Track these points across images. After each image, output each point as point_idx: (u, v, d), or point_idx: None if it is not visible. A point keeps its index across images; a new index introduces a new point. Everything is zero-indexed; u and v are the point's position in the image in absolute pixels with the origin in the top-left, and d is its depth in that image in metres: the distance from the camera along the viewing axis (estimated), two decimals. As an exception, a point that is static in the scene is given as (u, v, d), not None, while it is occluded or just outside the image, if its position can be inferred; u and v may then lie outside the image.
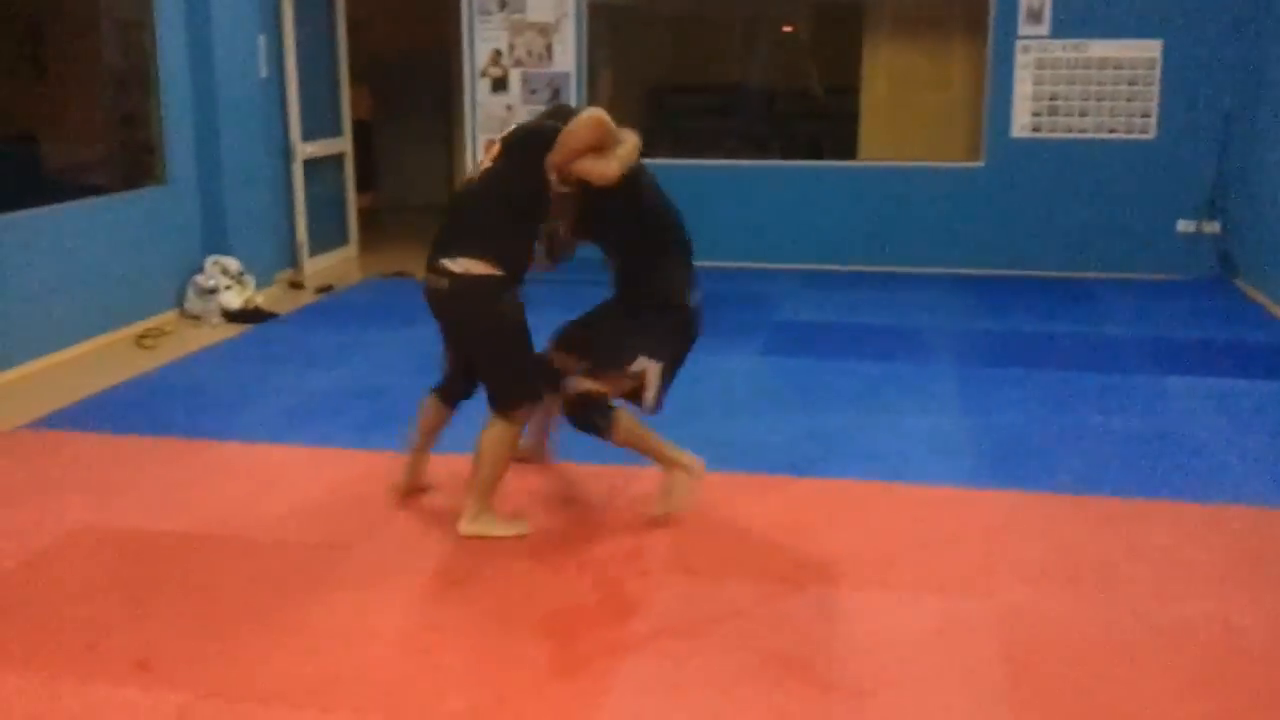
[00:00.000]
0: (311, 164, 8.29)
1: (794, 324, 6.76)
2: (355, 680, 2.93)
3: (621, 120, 3.85)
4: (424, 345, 6.19)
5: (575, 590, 3.43)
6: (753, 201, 8.49)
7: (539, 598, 3.37)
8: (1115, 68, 7.85)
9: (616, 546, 3.73)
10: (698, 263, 4.12)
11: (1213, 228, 7.92)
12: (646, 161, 4.01)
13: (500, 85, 8.68)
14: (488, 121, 8.74)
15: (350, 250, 9.01)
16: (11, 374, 5.59)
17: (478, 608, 3.32)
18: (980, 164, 8.16)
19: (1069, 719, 2.79)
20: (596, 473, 4.34)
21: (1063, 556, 3.67)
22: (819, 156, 9.09)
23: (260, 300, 7.10)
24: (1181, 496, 4.15)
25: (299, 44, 8.00)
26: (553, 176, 3.67)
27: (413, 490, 4.10)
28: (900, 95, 8.92)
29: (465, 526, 3.75)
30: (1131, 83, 7.86)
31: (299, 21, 8.00)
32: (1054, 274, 8.04)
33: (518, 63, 8.62)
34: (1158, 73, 7.81)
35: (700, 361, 5.88)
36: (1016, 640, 3.15)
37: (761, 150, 9.35)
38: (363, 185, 10.27)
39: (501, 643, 3.12)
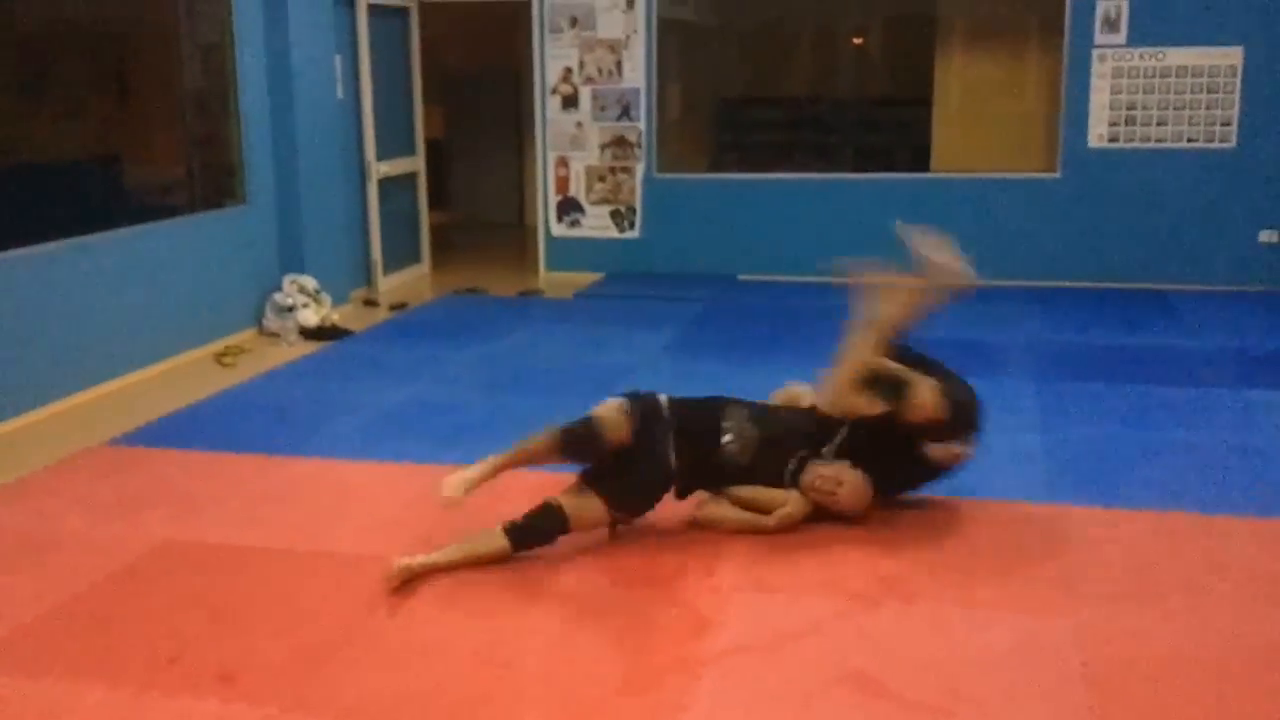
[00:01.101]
0: (385, 183, 8.42)
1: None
2: (434, 695, 2.96)
3: (690, 133, 3.96)
4: (495, 361, 6.28)
5: (649, 606, 3.43)
6: (825, 214, 8.46)
7: (613, 613, 3.38)
8: (1194, 76, 7.71)
9: (688, 563, 3.72)
10: (772, 276, 4.13)
11: (1296, 238, 7.75)
12: (719, 176, 4.08)
13: (571, 102, 8.75)
14: (558, 138, 8.82)
15: (423, 268, 9.13)
16: (96, 391, 5.74)
17: (554, 622, 3.34)
18: (1056, 175, 8.05)
19: (1154, 741, 2.74)
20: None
21: (1144, 574, 3.60)
22: (892, 168, 9.02)
23: (336, 318, 7.21)
24: (1265, 513, 4.05)
25: (374, 64, 8.14)
26: None
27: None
28: (974, 106, 8.84)
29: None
30: (1211, 90, 7.71)
31: (374, 43, 8.14)
32: (1133, 285, 7.90)
33: (588, 80, 8.69)
34: (1238, 80, 7.66)
35: (769, 375, 5.89)
36: (1097, 659, 3.09)
37: (833, 163, 9.30)
38: (435, 203, 10.41)
39: (577, 657, 3.13)
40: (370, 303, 7.97)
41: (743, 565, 3.71)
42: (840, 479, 3.91)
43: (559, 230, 8.93)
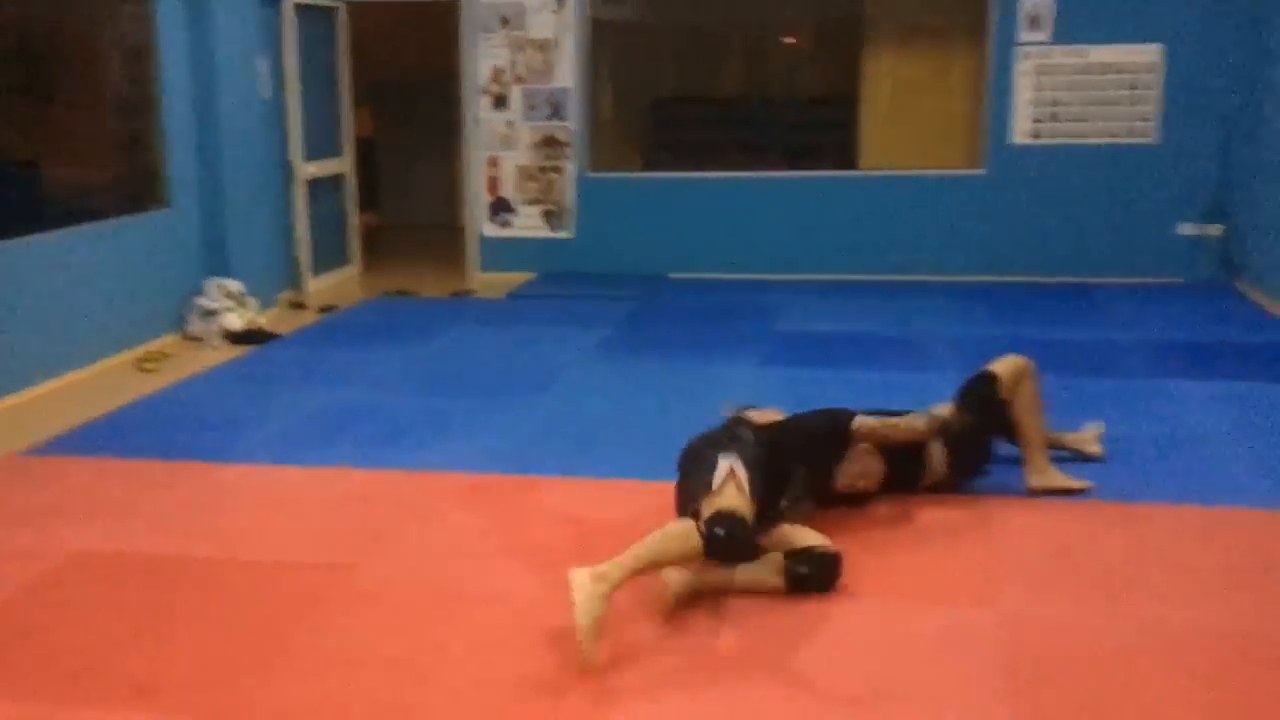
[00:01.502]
0: (313, 184, 8.32)
1: (796, 334, 6.75)
2: (355, 704, 2.92)
3: (622, 133, 3.92)
4: (425, 363, 6.23)
5: (573, 609, 3.41)
6: (755, 212, 8.50)
7: (541, 615, 3.36)
8: (1116, 73, 7.84)
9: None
10: (704, 274, 4.11)
11: (1214, 231, 7.90)
12: (651, 175, 4.05)
13: (501, 102, 8.71)
14: (489, 138, 8.77)
15: (353, 269, 9.03)
16: (13, 399, 5.61)
17: (478, 626, 3.31)
18: (982, 171, 8.15)
19: (1072, 728, 2.77)
20: (606, 486, 4.33)
21: (1065, 562, 3.65)
22: (821, 166, 9.08)
23: (262, 321, 7.11)
24: (1185, 500, 4.13)
25: (301, 65, 8.04)
26: None
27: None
28: (901, 104, 8.92)
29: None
30: (1133, 87, 7.85)
31: (301, 43, 8.04)
32: (1057, 279, 8.02)
33: (518, 79, 8.64)
34: (1159, 77, 7.80)
35: (702, 373, 5.92)
36: (1017, 647, 3.13)
37: (764, 161, 9.34)
38: (366, 204, 10.31)
39: (503, 663, 3.11)
40: (298, 305, 7.87)
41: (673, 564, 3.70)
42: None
43: (490, 230, 8.88)
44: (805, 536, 3.53)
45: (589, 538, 3.88)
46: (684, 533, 3.28)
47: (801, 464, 3.80)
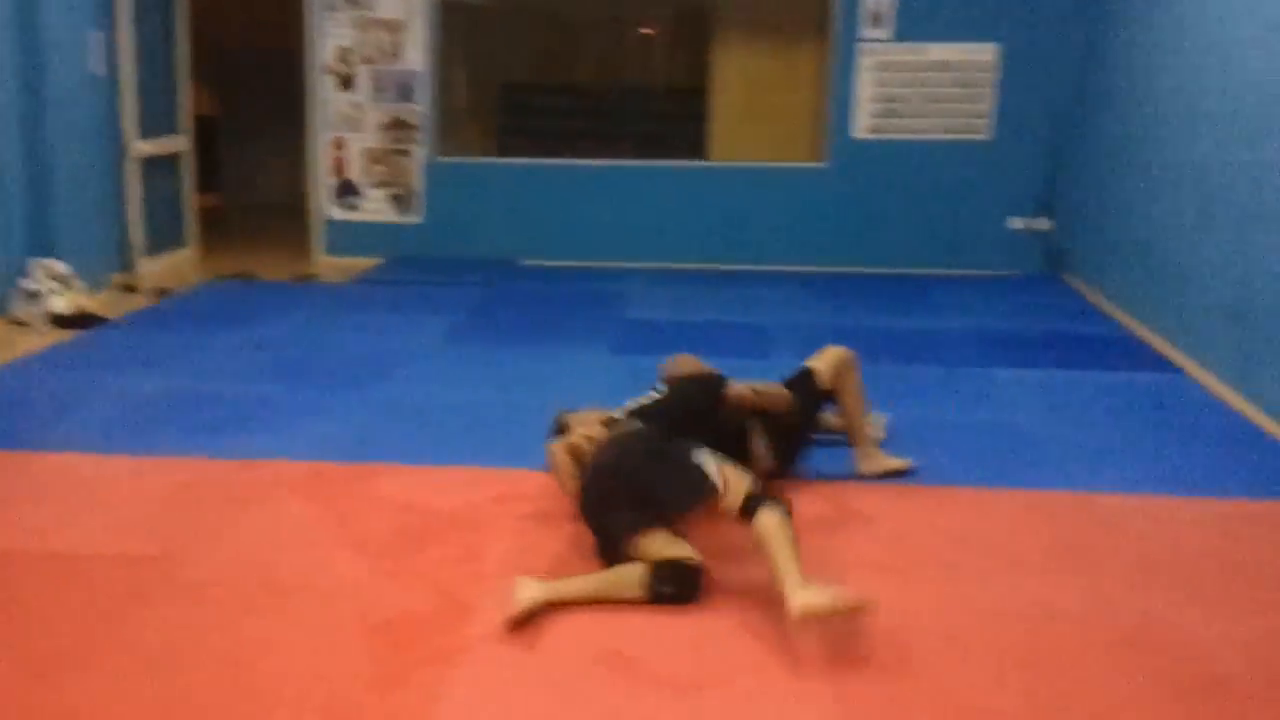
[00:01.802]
0: (149, 163, 8.02)
1: (643, 322, 6.81)
2: (175, 702, 2.84)
3: (473, 118, 3.89)
4: (262, 349, 6.08)
5: (409, 596, 3.39)
6: (606, 200, 8.53)
7: (370, 606, 3.32)
8: (953, 70, 8.09)
9: (454, 550, 3.69)
10: (555, 261, 4.10)
11: (1042, 225, 8.25)
12: (502, 161, 4.02)
13: (347, 83, 8.54)
14: (334, 120, 8.59)
15: (189, 252, 8.75)
16: None
17: (307, 620, 3.25)
18: (824, 164, 8.34)
19: (892, 704, 2.87)
20: (446, 474, 4.30)
21: (891, 545, 3.78)
22: (673, 157, 9.15)
23: (91, 304, 6.84)
24: (1004, 484, 4.31)
25: (137, 39, 7.74)
26: None
27: None
28: (750, 97, 9.05)
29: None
30: (967, 85, 8.12)
31: (137, 17, 7.74)
32: (894, 271, 8.26)
33: (366, 60, 8.49)
34: (992, 75, 8.09)
35: (549, 360, 5.93)
36: (844, 629, 3.22)
37: (615, 150, 9.38)
38: (207, 185, 10.00)
39: (331, 656, 3.06)
40: (130, 288, 7.59)
41: (509, 550, 3.70)
42: None
43: (336, 214, 8.72)
44: (674, 547, 3.43)
45: (426, 527, 3.86)
46: (636, 582, 3.34)
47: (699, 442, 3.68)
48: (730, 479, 3.47)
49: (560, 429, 4.08)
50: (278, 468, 4.35)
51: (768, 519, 3.30)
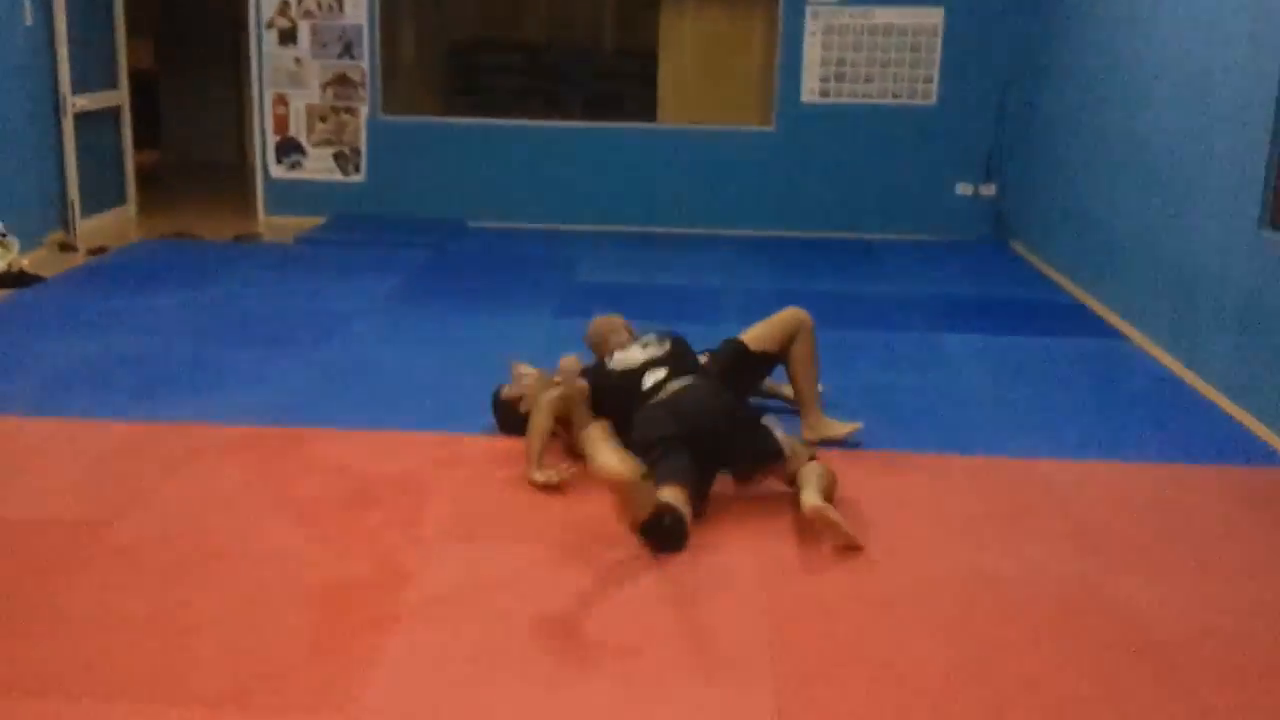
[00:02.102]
0: (85, 118, 7.83)
1: (590, 285, 6.76)
2: (104, 666, 2.79)
3: (419, 76, 3.84)
4: (201, 310, 5.97)
5: (346, 561, 3.35)
6: (554, 162, 8.45)
7: (306, 571, 3.28)
8: (899, 35, 8.07)
9: (394, 513, 3.66)
10: (503, 223, 4.10)
11: (989, 190, 8.29)
12: (449, 120, 4.01)
13: (289, 37, 8.37)
14: (276, 75, 8.43)
15: (128, 210, 8.56)
16: None
17: (240, 583, 3.21)
18: (772, 128, 8.31)
19: (827, 668, 2.88)
20: (384, 439, 4.26)
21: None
22: (622, 119, 9.06)
23: (25, 263, 6.68)
24: (946, 449, 4.34)
25: (68, -10, 7.53)
26: None
27: None
28: (698, 59, 8.97)
29: None
30: (914, 49, 8.10)
31: (67, -34, 7.52)
32: (841, 235, 8.26)
33: (307, 14, 8.32)
34: (939, 40, 8.08)
35: (494, 324, 5.88)
36: (780, 594, 3.23)
37: (565, 111, 9.28)
38: (147, 142, 9.78)
39: (264, 620, 3.02)
40: (67, 247, 7.41)
41: (448, 515, 3.68)
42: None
43: (278, 172, 8.57)
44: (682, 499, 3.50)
45: (363, 491, 3.81)
46: (651, 502, 3.33)
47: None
48: (795, 446, 3.79)
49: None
50: (213, 431, 4.28)
51: (817, 465, 3.70)
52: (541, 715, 2.67)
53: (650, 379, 3.97)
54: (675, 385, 3.90)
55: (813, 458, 3.79)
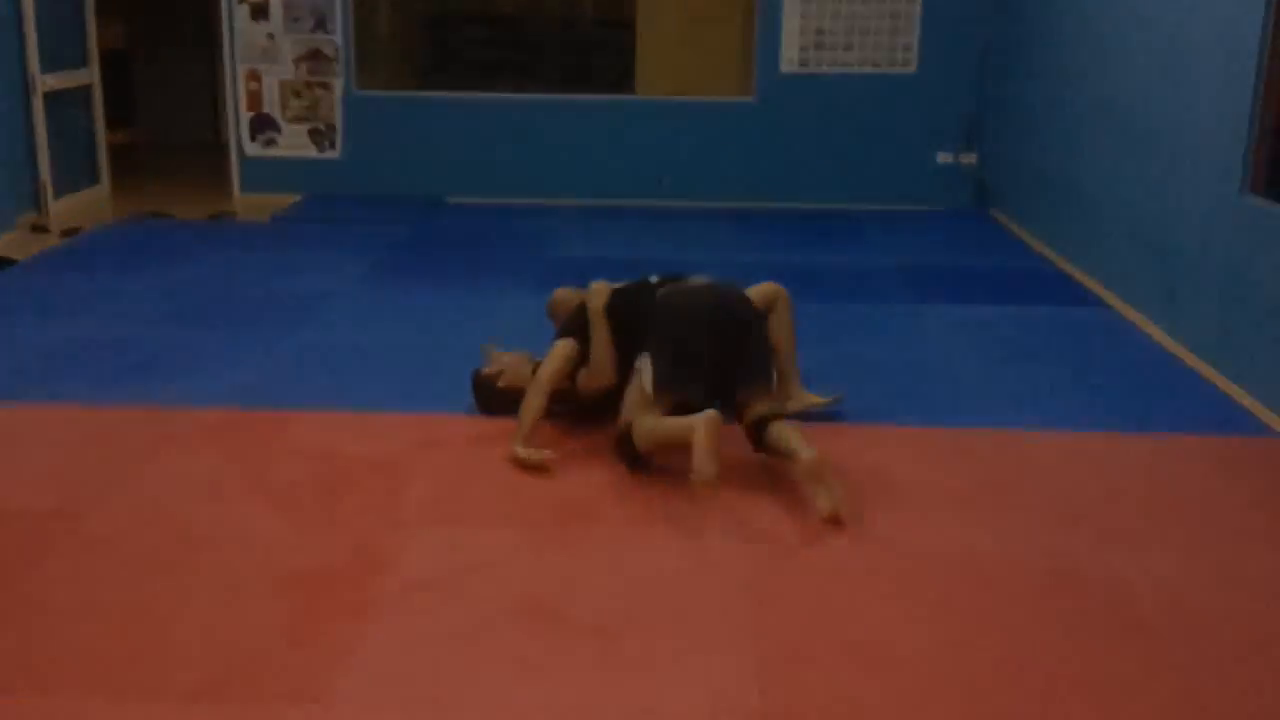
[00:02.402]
0: (55, 97, 7.71)
1: (568, 260, 6.71)
2: (79, 659, 2.75)
3: (395, 49, 3.79)
4: (176, 291, 5.90)
5: (323, 547, 3.31)
6: (532, 135, 8.37)
7: (283, 558, 3.24)
8: (878, 2, 8.00)
9: (372, 500, 3.62)
10: (483, 198, 4.09)
11: (969, 159, 8.24)
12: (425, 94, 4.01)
13: (261, 12, 8.26)
14: (248, 51, 8.31)
15: (101, 190, 8.45)
16: None
17: (216, 572, 3.16)
18: (751, 99, 8.24)
19: (810, 647, 2.86)
20: (363, 420, 4.21)
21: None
22: (600, 90, 8.98)
23: (-3, 246, 6.60)
24: (929, 422, 4.31)
25: (34, -34, 7.40)
26: None
27: None
28: (676, 29, 8.87)
29: None
30: (894, 16, 8.04)
31: (32, -58, 7.38)
32: (822, 206, 8.22)
33: (278, -11, 8.21)
34: (918, 7, 8.01)
35: (471, 301, 5.83)
36: (761, 572, 3.21)
37: (543, 82, 9.18)
38: (119, 120, 9.65)
39: (240, 610, 2.98)
40: (40, 229, 7.32)
41: (427, 499, 3.64)
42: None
43: (253, 150, 8.47)
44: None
45: (342, 474, 3.77)
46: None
47: None
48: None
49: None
50: (188, 416, 4.22)
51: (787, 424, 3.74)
52: (522, 700, 2.64)
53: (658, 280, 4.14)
54: (690, 280, 4.06)
55: (779, 416, 3.80)
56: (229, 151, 8.51)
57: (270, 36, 8.27)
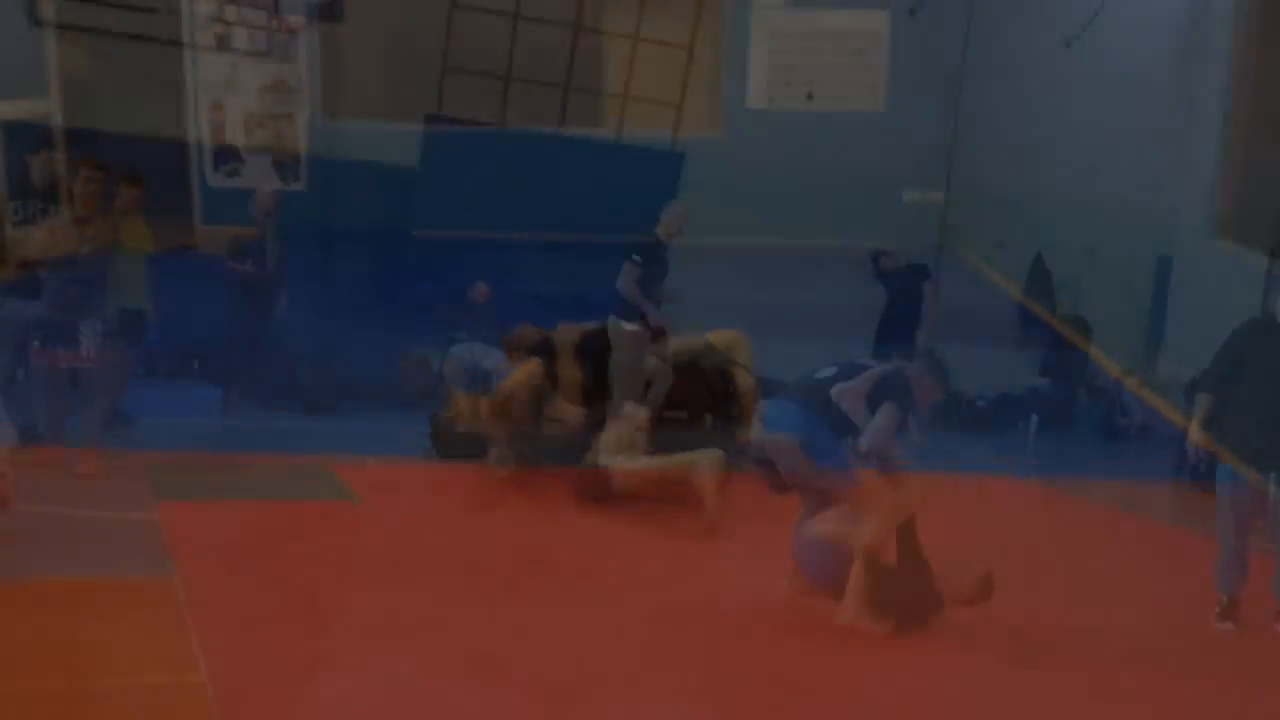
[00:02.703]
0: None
1: (523, 293, 6.60)
2: None
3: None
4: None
5: (272, 597, 3.22)
6: (501, 168, 8.28)
7: (232, 611, 3.14)
8: (845, 39, 7.99)
9: (318, 545, 3.53)
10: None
11: (936, 197, 8.21)
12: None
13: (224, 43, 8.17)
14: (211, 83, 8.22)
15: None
16: None
17: (159, 621, 3.06)
18: (717, 135, 8.21)
19: (771, 698, 2.79)
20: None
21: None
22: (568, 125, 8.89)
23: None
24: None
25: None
26: None
27: None
28: (642, 66, 8.84)
29: None
30: (857, 54, 8.02)
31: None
32: (787, 243, 8.15)
33: (241, 19, 8.13)
34: (885, 45, 7.99)
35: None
36: (722, 628, 3.14)
37: (509, 116, 9.11)
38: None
39: (188, 661, 2.87)
40: (-7, 260, 7.17)
41: (379, 546, 3.56)
42: None
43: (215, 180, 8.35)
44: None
45: (293, 520, 3.68)
46: None
47: None
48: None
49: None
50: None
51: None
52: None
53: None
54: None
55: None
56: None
57: (234, 66, 8.17)
